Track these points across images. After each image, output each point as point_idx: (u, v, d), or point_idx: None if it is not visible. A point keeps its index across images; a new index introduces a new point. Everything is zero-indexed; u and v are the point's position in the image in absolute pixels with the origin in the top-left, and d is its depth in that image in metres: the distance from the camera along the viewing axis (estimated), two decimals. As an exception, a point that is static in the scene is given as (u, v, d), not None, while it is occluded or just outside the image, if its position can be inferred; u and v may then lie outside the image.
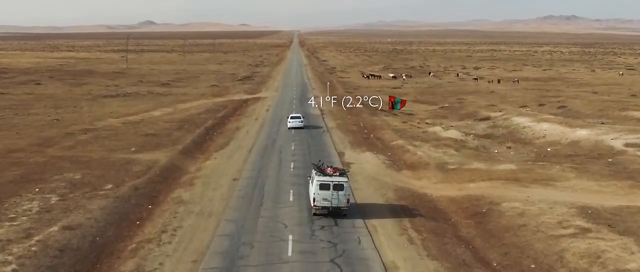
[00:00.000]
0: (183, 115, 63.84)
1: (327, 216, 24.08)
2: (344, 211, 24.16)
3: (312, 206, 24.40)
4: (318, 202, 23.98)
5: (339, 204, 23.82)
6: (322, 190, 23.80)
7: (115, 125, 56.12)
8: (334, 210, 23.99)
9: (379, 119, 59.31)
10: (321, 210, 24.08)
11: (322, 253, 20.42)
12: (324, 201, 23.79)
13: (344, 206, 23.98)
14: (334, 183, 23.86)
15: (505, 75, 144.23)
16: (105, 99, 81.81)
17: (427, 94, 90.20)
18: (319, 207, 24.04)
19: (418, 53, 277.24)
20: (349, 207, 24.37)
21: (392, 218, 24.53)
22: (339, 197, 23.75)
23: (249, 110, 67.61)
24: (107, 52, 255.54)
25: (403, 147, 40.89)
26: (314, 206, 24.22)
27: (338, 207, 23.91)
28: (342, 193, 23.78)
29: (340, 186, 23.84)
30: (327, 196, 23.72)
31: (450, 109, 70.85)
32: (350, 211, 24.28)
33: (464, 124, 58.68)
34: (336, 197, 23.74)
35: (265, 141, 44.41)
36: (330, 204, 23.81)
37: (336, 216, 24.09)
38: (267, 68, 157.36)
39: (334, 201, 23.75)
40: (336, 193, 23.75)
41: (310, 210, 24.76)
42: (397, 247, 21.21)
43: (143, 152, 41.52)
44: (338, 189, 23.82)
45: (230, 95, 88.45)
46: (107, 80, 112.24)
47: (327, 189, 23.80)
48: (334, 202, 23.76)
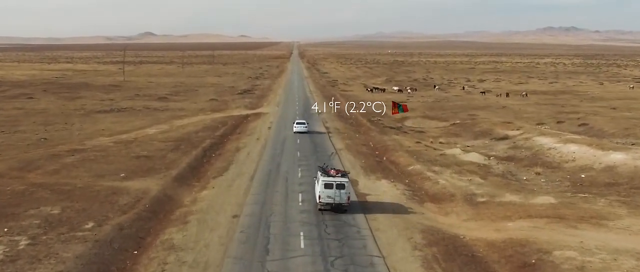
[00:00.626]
0: (179, 133, 59.77)
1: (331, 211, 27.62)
2: (345, 207, 28.08)
3: (318, 203, 28.27)
4: (323, 199, 27.88)
5: (340, 200, 27.83)
6: (327, 189, 27.71)
7: (106, 145, 52.02)
8: (336, 206, 27.96)
9: (390, 138, 55.26)
10: (325, 206, 28.10)
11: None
12: (328, 198, 27.79)
13: (345, 202, 27.94)
14: (337, 183, 27.73)
15: (511, 88, 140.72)
16: (98, 115, 77.76)
17: (436, 109, 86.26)
18: (324, 204, 27.99)
19: (419, 65, 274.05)
20: (350, 204, 28.31)
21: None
22: (340, 195, 27.71)
23: (250, 127, 63.55)
24: (106, 64, 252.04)
25: (422, 173, 36.79)
26: (319, 202, 28.09)
27: (340, 204, 27.91)
28: (343, 191, 27.76)
29: (342, 186, 27.81)
30: (330, 194, 27.62)
31: (463, 126, 66.86)
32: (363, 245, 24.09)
33: (481, 144, 54.64)
34: (338, 195, 27.69)
35: (268, 166, 40.26)
36: (333, 201, 27.79)
37: (338, 210, 27.87)
38: (267, 81, 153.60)
39: (337, 198, 27.75)
40: (338, 191, 27.69)
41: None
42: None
43: (133, 178, 37.41)
44: (340, 188, 27.78)
45: (229, 110, 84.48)
46: (103, 94, 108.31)
47: (331, 188, 27.69)
48: (337, 199, 27.76)
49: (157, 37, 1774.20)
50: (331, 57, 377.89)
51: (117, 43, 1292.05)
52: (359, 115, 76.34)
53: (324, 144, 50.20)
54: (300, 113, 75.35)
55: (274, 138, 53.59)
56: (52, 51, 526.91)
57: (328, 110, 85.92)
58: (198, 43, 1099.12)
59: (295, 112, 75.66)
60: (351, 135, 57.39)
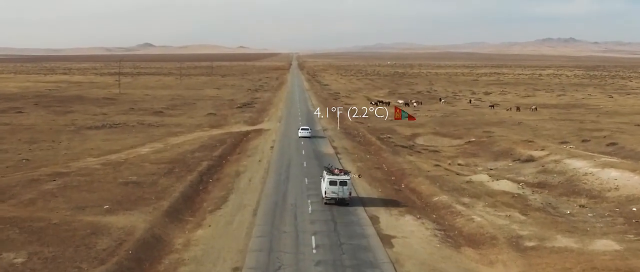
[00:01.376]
0: (174, 153, 54.95)
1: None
2: (347, 201, 32.31)
3: (324, 197, 32.41)
4: (328, 194, 32.07)
5: (343, 195, 32.04)
6: (331, 185, 31.93)
7: (92, 168, 47.16)
8: (339, 200, 32.12)
9: (404, 159, 50.44)
10: (330, 200, 32.18)
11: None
12: (333, 193, 32.00)
13: (347, 197, 32.16)
14: (340, 180, 32.03)
15: (519, 101, 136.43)
16: (89, 131, 72.94)
17: (447, 125, 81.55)
18: (329, 198, 32.12)
19: (421, 76, 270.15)
20: (351, 198, 32.41)
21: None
22: (343, 190, 31.95)
23: (251, 146, 58.73)
24: (103, 76, 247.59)
25: (450, 206, 31.93)
26: (325, 197, 32.29)
27: (343, 198, 32.05)
28: (346, 188, 32.03)
29: (345, 183, 32.08)
30: (334, 190, 31.93)
31: (480, 145, 62.13)
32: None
33: (504, 166, 49.87)
34: (341, 191, 31.90)
35: (273, 196, 35.33)
36: (337, 196, 31.94)
37: (341, 204, 32.06)
38: (267, 93, 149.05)
39: (340, 193, 31.96)
40: (341, 188, 31.91)
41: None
42: None
43: (118, 211, 32.54)
44: (343, 185, 32.02)
45: (228, 126, 79.73)
46: (96, 108, 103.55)
47: (335, 185, 31.93)
48: (340, 194, 31.96)
49: (156, 48, 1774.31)
50: (331, 69, 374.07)
51: (116, 54, 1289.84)
52: (366, 132, 71.63)
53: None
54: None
55: (277, 160, 48.71)
56: (51, 62, 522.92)
57: (329, 120, 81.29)
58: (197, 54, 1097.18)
59: (299, 129, 70.91)
60: (362, 156, 52.57)
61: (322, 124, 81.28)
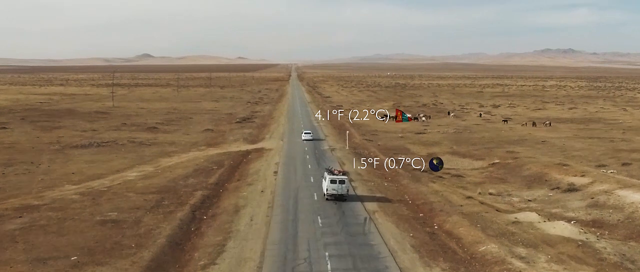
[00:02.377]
0: (165, 179, 48.44)
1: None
2: (345, 197, 38.66)
3: (325, 194, 38.79)
4: (329, 191, 38.43)
5: (342, 192, 38.40)
6: (332, 183, 38.41)
7: (68, 200, 40.65)
8: (339, 196, 38.50)
9: (428, 189, 43.91)
10: (330, 196, 38.52)
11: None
12: (333, 190, 38.38)
13: (345, 193, 38.54)
14: (339, 180, 38.50)
15: (530, 114, 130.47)
16: (74, 151, 66.40)
17: (463, 143, 75.15)
18: (330, 194, 38.44)
19: (423, 88, 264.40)
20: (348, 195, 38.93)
21: None
22: (342, 188, 38.37)
23: (251, 171, 52.19)
24: (99, 87, 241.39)
25: (505, 261, 25.32)
26: (326, 193, 38.66)
27: (341, 195, 38.44)
28: (344, 185, 38.41)
29: (343, 181, 38.54)
30: (335, 188, 38.35)
31: (506, 168, 55.70)
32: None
33: (543, 197, 43.37)
34: (340, 188, 38.33)
35: (281, 245, 28.63)
36: (337, 192, 38.32)
37: (339, 199, 38.28)
38: (267, 106, 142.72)
39: (339, 191, 38.37)
40: (340, 185, 38.36)
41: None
42: None
43: (87, 267, 26.01)
44: (341, 183, 38.44)
45: (227, 144, 73.25)
46: (86, 123, 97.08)
47: (335, 183, 38.41)
48: (339, 191, 38.37)
49: (155, 59, 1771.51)
50: (331, 80, 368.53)
51: (115, 65, 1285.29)
52: (378, 151, 65.16)
53: (349, 202, 38.72)
54: (311, 151, 64.12)
55: (283, 191, 42.08)
56: (49, 73, 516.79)
57: (337, 137, 75.00)
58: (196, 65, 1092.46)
59: (304, 150, 64.37)
60: (379, 183, 45.99)
61: (330, 141, 74.82)
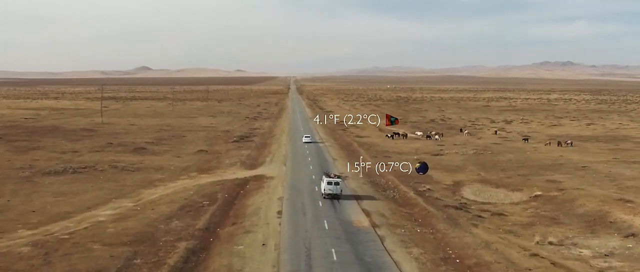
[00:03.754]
0: (143, 222, 39.70)
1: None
2: (339, 196, 45.76)
3: (322, 193, 46.02)
4: (326, 191, 45.52)
5: (336, 192, 45.59)
6: (328, 185, 45.56)
7: (14, 255, 32.06)
8: (334, 195, 45.53)
9: (473, 238, 35.24)
10: (327, 195, 45.58)
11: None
12: (330, 190, 45.38)
13: (339, 193, 45.79)
14: (334, 182, 45.80)
15: (546, 131, 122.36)
16: (44, 179, 57.66)
17: (490, 168, 66.44)
18: (327, 194, 45.52)
19: (427, 102, 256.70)
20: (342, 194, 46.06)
21: None
22: (337, 188, 45.65)
23: (250, 209, 43.36)
24: (93, 101, 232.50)
25: None
26: (324, 193, 45.77)
27: (336, 194, 45.61)
28: (338, 186, 45.67)
29: (337, 183, 45.87)
30: (331, 188, 45.43)
31: (553, 203, 47.07)
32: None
33: (619, 248, 34.70)
34: (336, 188, 45.58)
35: None
36: (332, 192, 45.39)
37: (335, 198, 45.40)
38: (267, 122, 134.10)
39: (334, 190, 45.45)
40: (335, 186, 45.57)
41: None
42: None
43: None
44: (336, 184, 45.71)
45: (221, 170, 64.48)
46: (68, 142, 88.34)
47: (331, 184, 45.58)
48: (335, 191, 45.47)
49: (153, 72, 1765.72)
50: (330, 93, 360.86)
51: (113, 77, 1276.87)
52: (396, 180, 56.39)
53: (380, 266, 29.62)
54: (320, 181, 55.33)
55: (290, 243, 33.00)
56: (46, 86, 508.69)
57: (347, 160, 65.94)
58: (194, 77, 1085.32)
59: (311, 179, 55.61)
60: (410, 230, 37.12)
61: (339, 166, 65.96)
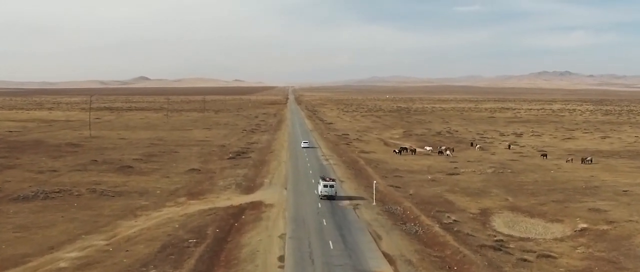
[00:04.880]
0: (113, 269, 32.11)
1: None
2: (334, 197, 51.44)
3: (319, 195, 51.86)
4: (322, 193, 51.33)
5: (332, 193, 51.45)
6: (325, 188, 51.45)
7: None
8: (330, 196, 51.27)
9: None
10: (324, 196, 51.16)
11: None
12: (326, 192, 51.22)
13: (334, 194, 51.55)
14: (330, 184, 51.95)
15: (561, 145, 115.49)
16: (10, 207, 50.22)
17: (516, 191, 59.10)
18: (323, 195, 51.22)
19: (429, 113, 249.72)
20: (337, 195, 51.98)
21: None
22: (332, 190, 51.56)
23: (244, 254, 35.78)
24: (87, 111, 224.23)
25: None
26: (320, 194, 51.65)
27: (332, 195, 51.34)
28: (333, 188, 51.76)
29: (332, 186, 52.05)
30: (327, 190, 51.33)
31: (605, 240, 39.84)
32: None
33: None
34: (331, 190, 51.51)
35: None
36: (328, 193, 51.19)
37: (331, 199, 50.89)
38: (265, 136, 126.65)
39: (330, 192, 51.41)
40: (331, 188, 51.62)
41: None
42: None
43: None
44: (331, 187, 51.82)
45: (214, 194, 57.00)
46: (49, 160, 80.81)
47: (327, 187, 51.55)
48: (330, 192, 51.40)
49: (151, 82, 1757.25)
50: (330, 103, 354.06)
51: (111, 87, 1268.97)
52: (415, 208, 48.94)
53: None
54: (327, 210, 47.84)
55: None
56: (42, 96, 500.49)
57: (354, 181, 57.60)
58: (192, 87, 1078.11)
59: (317, 208, 48.18)
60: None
61: (348, 189, 58.47)
